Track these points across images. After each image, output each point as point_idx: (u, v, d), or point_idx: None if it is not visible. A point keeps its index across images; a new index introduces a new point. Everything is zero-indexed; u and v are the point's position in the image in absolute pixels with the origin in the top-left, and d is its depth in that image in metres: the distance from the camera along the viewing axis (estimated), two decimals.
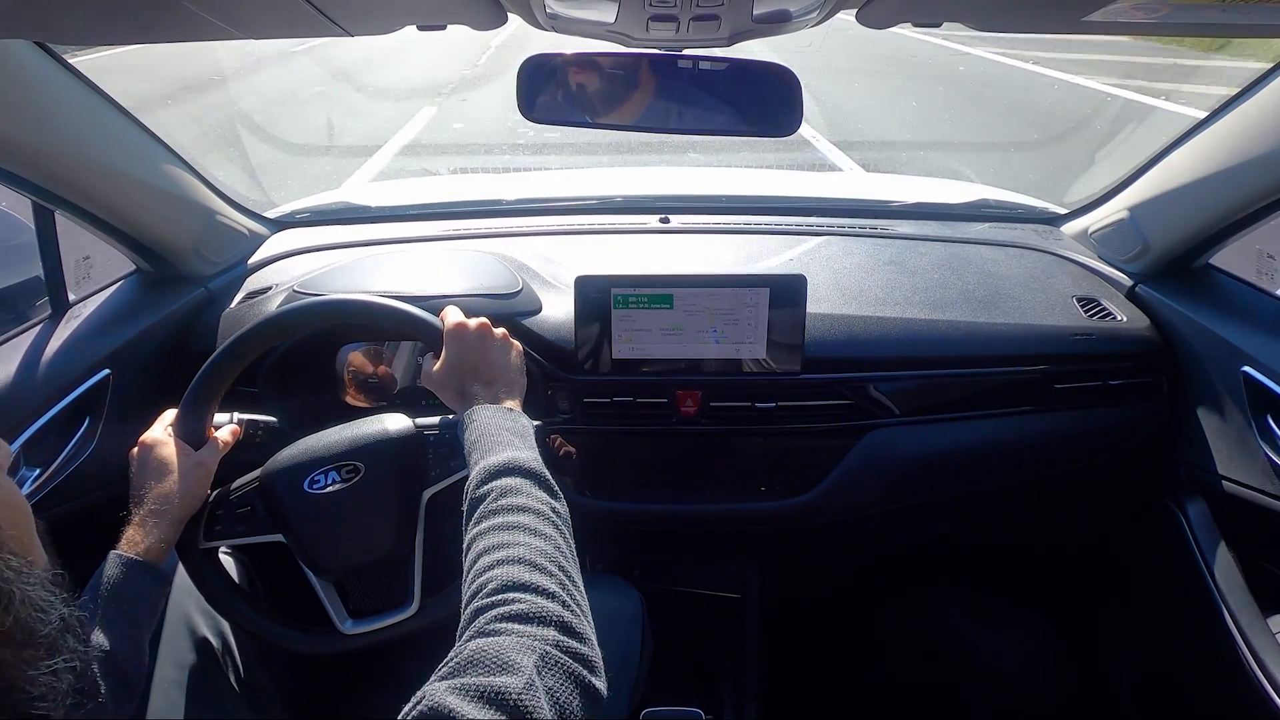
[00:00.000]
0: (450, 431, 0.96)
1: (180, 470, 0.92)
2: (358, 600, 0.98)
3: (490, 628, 0.60)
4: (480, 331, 0.93)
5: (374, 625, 0.96)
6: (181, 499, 0.91)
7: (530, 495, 0.74)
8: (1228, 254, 1.32)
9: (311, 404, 1.24)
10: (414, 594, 0.95)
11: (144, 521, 0.88)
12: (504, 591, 0.63)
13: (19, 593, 0.45)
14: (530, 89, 0.98)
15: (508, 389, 0.91)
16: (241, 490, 0.97)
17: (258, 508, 0.96)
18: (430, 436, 0.97)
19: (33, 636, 0.45)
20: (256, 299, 1.34)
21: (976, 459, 1.32)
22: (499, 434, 0.82)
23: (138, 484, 0.91)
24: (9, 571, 0.45)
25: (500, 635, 0.59)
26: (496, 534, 0.69)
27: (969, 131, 6.24)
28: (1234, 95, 1.18)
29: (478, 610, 0.62)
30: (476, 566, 0.67)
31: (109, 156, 1.14)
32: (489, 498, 0.74)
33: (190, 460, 0.93)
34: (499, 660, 0.56)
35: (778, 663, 1.56)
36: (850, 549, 1.61)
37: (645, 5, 0.73)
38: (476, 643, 0.58)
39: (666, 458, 1.31)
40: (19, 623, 0.44)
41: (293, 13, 0.68)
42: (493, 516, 0.71)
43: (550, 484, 0.77)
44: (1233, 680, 1.14)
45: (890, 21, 0.78)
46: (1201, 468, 1.27)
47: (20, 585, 0.45)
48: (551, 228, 1.55)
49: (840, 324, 1.27)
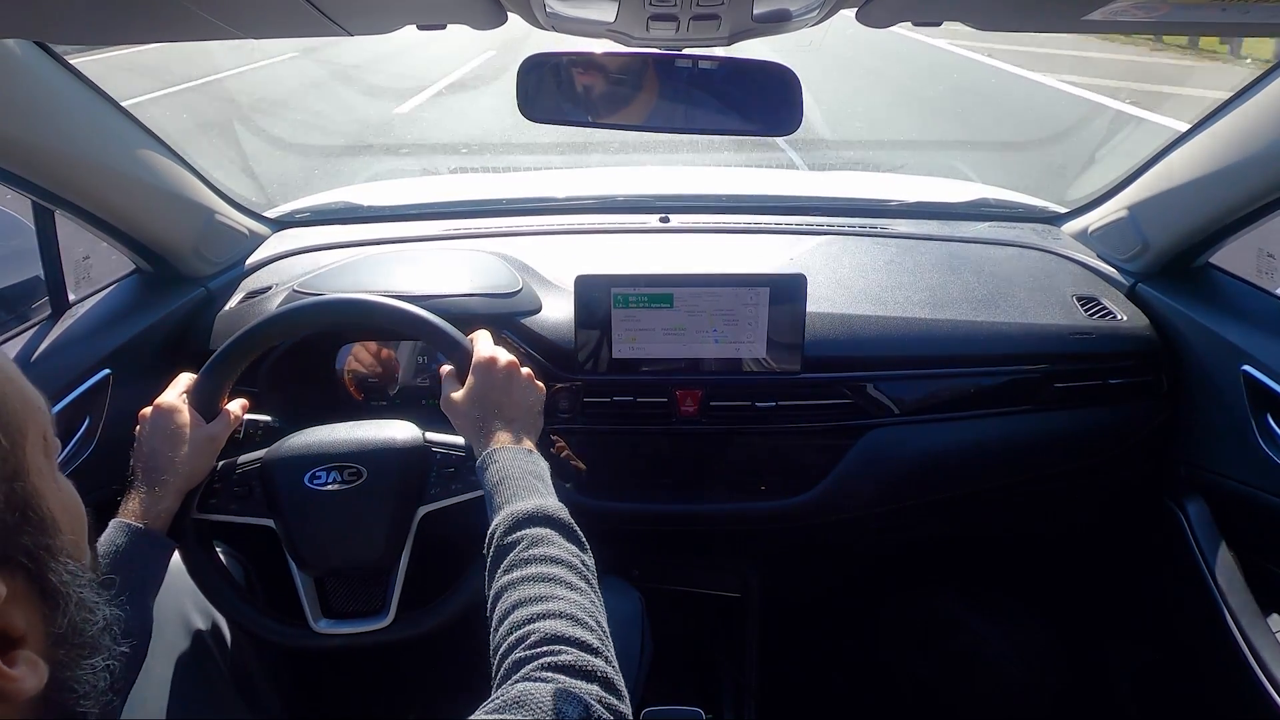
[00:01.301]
0: (458, 453, 0.96)
1: (191, 440, 0.92)
2: (335, 601, 0.98)
3: (537, 675, 0.61)
4: (509, 369, 0.94)
5: (346, 629, 0.96)
6: (189, 470, 0.91)
7: (560, 546, 0.75)
8: (1227, 253, 1.32)
9: (310, 402, 1.24)
10: (391, 606, 0.95)
11: (150, 490, 0.88)
12: (549, 644, 0.63)
13: (74, 595, 0.46)
14: (530, 88, 0.98)
15: (528, 430, 0.92)
16: (242, 469, 0.97)
17: (255, 490, 0.96)
18: (437, 454, 0.97)
19: (82, 637, 0.46)
20: (256, 299, 1.34)
21: (976, 458, 1.31)
22: (524, 478, 0.82)
23: (147, 448, 0.91)
24: (67, 575, 0.46)
25: (548, 683, 0.60)
26: (532, 585, 0.70)
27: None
28: (1234, 95, 1.18)
29: (522, 660, 0.63)
30: (514, 617, 0.67)
31: (109, 156, 1.14)
32: (518, 546, 0.74)
33: (202, 432, 0.94)
34: (547, 704, 0.57)
35: (778, 663, 1.56)
36: (850, 548, 1.61)
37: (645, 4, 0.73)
38: (524, 686, 0.59)
39: (666, 457, 1.31)
40: (72, 625, 0.45)
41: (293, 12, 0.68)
42: (525, 566, 0.72)
43: (578, 535, 0.78)
44: (1233, 679, 1.14)
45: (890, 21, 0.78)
46: (1201, 467, 1.27)
47: (75, 589, 0.46)
48: (551, 227, 1.55)
49: (840, 323, 1.27)
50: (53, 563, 0.45)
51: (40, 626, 0.44)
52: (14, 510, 0.43)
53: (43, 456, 0.47)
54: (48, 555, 0.45)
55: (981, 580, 1.71)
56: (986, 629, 1.66)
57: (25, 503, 0.44)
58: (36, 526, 0.44)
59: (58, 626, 0.45)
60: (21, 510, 0.43)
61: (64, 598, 0.45)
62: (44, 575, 0.44)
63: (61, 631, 0.45)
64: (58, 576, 0.45)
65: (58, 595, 0.45)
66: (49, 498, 0.46)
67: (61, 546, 0.46)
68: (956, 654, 1.64)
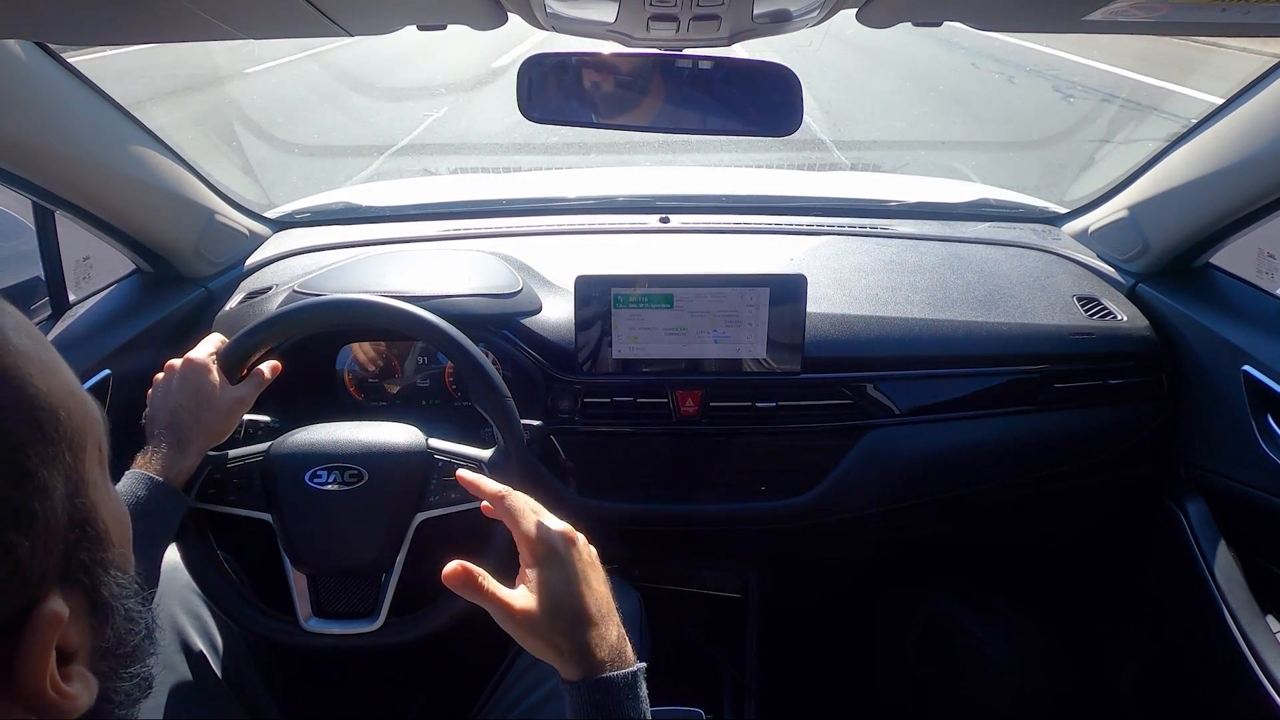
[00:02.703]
0: (460, 462, 0.96)
1: (220, 400, 0.92)
2: (326, 600, 0.99)
3: None
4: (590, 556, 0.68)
5: (335, 629, 0.96)
6: (215, 429, 0.92)
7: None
8: (1227, 253, 1.32)
9: (310, 402, 1.24)
10: (381, 610, 0.95)
11: (173, 446, 0.88)
12: None
13: (121, 608, 0.45)
14: (530, 88, 0.98)
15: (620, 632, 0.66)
16: (242, 461, 0.97)
17: (255, 483, 0.96)
18: (439, 462, 0.97)
19: (125, 647, 0.46)
20: (256, 299, 1.34)
21: (976, 458, 1.31)
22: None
23: (173, 403, 0.91)
24: (116, 588, 0.45)
25: None
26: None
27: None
28: (1234, 95, 1.18)
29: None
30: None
31: (109, 157, 1.14)
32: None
33: (232, 393, 0.94)
34: None
35: (778, 663, 1.56)
36: (850, 548, 1.60)
37: (645, 5, 0.73)
38: None
39: (667, 458, 1.31)
40: (118, 636, 0.45)
41: (293, 13, 0.68)
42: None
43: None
44: (1233, 680, 1.14)
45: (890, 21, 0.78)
46: (1201, 467, 1.27)
47: (122, 601, 0.45)
48: (551, 228, 1.55)
49: (840, 324, 1.27)
50: (104, 576, 0.44)
51: (90, 641, 0.44)
52: (75, 526, 0.42)
53: (98, 468, 0.45)
54: (101, 570, 0.44)
55: (981, 581, 1.71)
56: (986, 629, 1.66)
57: (85, 518, 0.43)
58: (93, 541, 0.43)
59: (105, 640, 0.44)
60: (81, 526, 0.42)
61: (112, 611, 0.44)
62: (98, 590, 0.43)
63: (108, 644, 0.44)
64: (109, 590, 0.44)
65: (107, 609, 0.44)
66: (103, 510, 0.45)
67: (113, 560, 0.45)
68: (956, 654, 1.64)
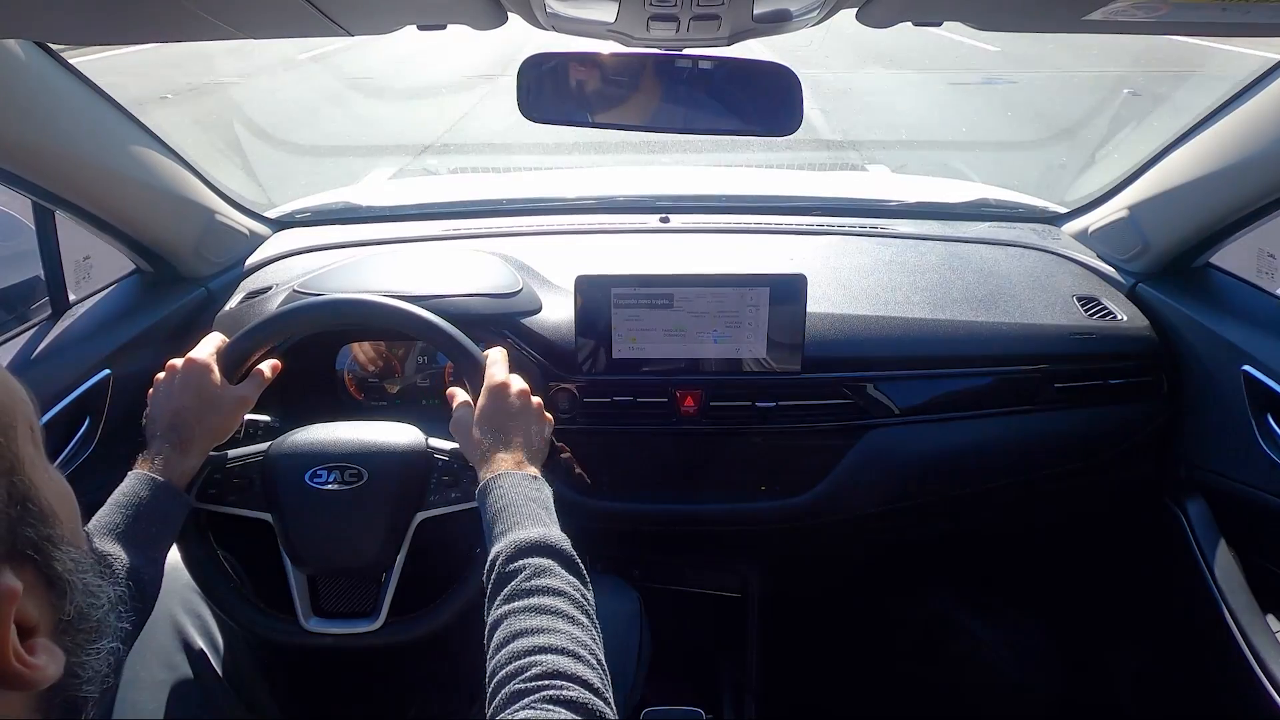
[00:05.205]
0: (459, 461, 0.96)
1: (222, 400, 0.93)
2: (326, 600, 0.99)
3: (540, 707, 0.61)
4: (522, 398, 0.93)
5: (335, 629, 0.96)
6: (217, 429, 0.92)
7: (562, 579, 0.74)
8: (1228, 253, 1.32)
9: (310, 402, 1.24)
10: (382, 610, 0.95)
11: (175, 446, 0.88)
12: (551, 678, 0.63)
13: (79, 583, 0.47)
14: (531, 88, 0.98)
15: (532, 458, 0.90)
16: (243, 461, 0.97)
17: (255, 483, 0.96)
18: (439, 461, 0.97)
19: (88, 621, 0.48)
20: (256, 299, 1.34)
21: (976, 458, 1.31)
22: (526, 505, 0.81)
23: (174, 403, 0.91)
24: (70, 563, 0.47)
25: (549, 714, 0.60)
26: (533, 616, 0.69)
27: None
28: (1233, 95, 1.18)
29: (521, 692, 0.62)
30: (514, 647, 0.67)
31: (109, 156, 1.14)
32: (520, 575, 0.74)
33: (234, 392, 0.94)
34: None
35: (778, 663, 1.55)
36: (850, 548, 1.60)
37: (645, 5, 0.73)
38: (527, 714, 0.60)
39: (667, 457, 1.31)
40: (79, 611, 0.47)
41: (293, 12, 0.68)
42: (526, 596, 0.72)
43: (579, 568, 0.77)
44: (1233, 680, 1.14)
45: (890, 21, 0.78)
46: (1201, 467, 1.27)
47: (79, 575, 0.47)
48: (551, 228, 1.55)
49: (840, 323, 1.27)
50: (56, 552, 0.46)
51: (50, 616, 0.46)
52: (15, 504, 0.44)
53: (32, 447, 0.47)
54: (50, 545, 0.46)
55: (981, 580, 1.71)
56: (987, 628, 1.66)
57: (25, 495, 0.45)
58: (37, 518, 0.45)
59: (65, 614, 0.46)
60: (22, 503, 0.44)
61: (69, 585, 0.46)
62: (50, 565, 0.46)
63: (69, 618, 0.46)
64: (62, 565, 0.46)
65: (64, 584, 0.46)
66: (44, 488, 0.47)
67: (62, 535, 0.47)
68: (956, 654, 1.64)
